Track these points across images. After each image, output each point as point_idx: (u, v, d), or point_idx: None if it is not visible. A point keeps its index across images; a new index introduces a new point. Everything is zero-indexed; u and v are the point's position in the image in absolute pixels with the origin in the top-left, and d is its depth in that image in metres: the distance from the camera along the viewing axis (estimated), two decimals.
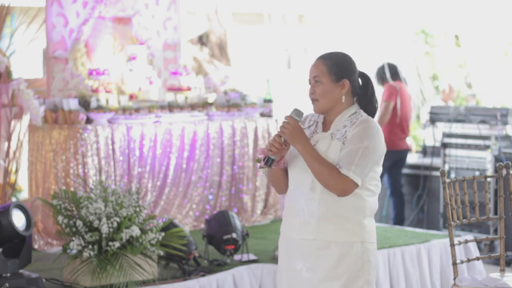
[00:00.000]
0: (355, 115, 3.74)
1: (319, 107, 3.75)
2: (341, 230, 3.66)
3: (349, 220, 3.67)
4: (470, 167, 8.93)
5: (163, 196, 7.85)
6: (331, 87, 3.73)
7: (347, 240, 3.66)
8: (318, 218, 3.66)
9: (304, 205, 3.69)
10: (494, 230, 8.55)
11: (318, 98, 3.74)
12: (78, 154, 7.28)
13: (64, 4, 8.02)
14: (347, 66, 3.77)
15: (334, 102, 3.74)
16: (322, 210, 3.66)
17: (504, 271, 5.00)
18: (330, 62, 3.74)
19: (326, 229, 3.66)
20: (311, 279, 3.69)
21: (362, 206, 3.69)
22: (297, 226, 3.73)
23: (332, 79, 3.73)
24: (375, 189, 3.74)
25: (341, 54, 3.81)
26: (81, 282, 5.66)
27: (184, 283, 5.91)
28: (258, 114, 8.52)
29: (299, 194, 3.72)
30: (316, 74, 3.75)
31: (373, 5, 11.95)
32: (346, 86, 3.74)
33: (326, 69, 3.73)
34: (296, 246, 3.73)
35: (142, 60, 8.32)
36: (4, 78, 7.21)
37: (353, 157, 3.61)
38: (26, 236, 5.53)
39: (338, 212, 3.66)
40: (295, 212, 3.74)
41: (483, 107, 9.75)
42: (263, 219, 8.31)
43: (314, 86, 3.75)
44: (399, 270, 6.98)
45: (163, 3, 8.72)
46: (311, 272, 3.68)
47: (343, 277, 3.65)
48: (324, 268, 3.66)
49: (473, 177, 5.09)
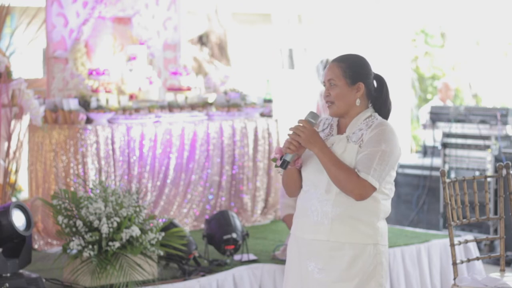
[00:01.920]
0: (371, 118, 3.73)
1: (334, 109, 3.75)
2: (354, 232, 3.66)
3: (363, 222, 3.67)
4: (470, 167, 8.93)
5: (163, 196, 7.85)
6: (346, 90, 3.72)
7: (361, 242, 3.66)
8: (331, 219, 3.66)
9: (318, 206, 3.69)
10: (494, 230, 8.55)
11: (334, 101, 3.73)
12: (78, 154, 7.28)
13: (64, 4, 8.02)
14: (362, 69, 3.75)
15: (349, 105, 3.73)
16: (336, 212, 3.66)
17: (504, 271, 5.00)
18: (345, 65, 3.73)
19: (340, 230, 3.66)
20: (323, 280, 3.68)
21: (377, 209, 3.69)
22: (310, 226, 3.72)
23: (347, 82, 3.72)
24: (389, 192, 3.74)
25: (356, 56, 3.80)
26: (81, 282, 5.66)
27: (184, 283, 5.91)
28: (258, 114, 8.52)
29: (314, 195, 3.71)
30: (331, 77, 3.73)
31: (372, 5, 11.95)
32: (361, 89, 3.73)
33: (341, 72, 3.72)
34: (308, 247, 3.73)
35: (142, 60, 8.32)
36: (4, 78, 7.21)
37: (372, 160, 3.60)
38: (26, 236, 5.53)
39: (352, 214, 3.66)
40: (308, 213, 3.73)
41: (483, 107, 9.75)
42: (263, 219, 8.32)
43: (329, 89, 3.74)
44: (399, 270, 6.99)
45: (163, 3, 8.72)
46: (323, 273, 3.68)
47: (356, 279, 3.65)
48: (337, 270, 3.66)
49: (473, 177, 5.08)
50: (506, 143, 8.73)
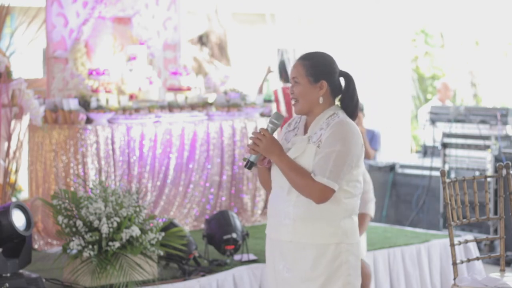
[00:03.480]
0: (333, 117, 3.70)
1: (298, 107, 3.75)
2: (316, 232, 3.66)
3: (324, 222, 3.66)
4: (470, 167, 8.93)
5: (163, 196, 7.85)
6: (308, 88, 3.71)
7: (322, 243, 3.66)
8: (293, 220, 3.68)
9: (282, 207, 3.71)
10: (494, 230, 8.55)
11: (297, 98, 3.74)
12: (78, 154, 7.28)
13: (64, 4, 8.02)
14: (325, 67, 3.74)
15: (312, 103, 3.72)
16: (297, 213, 3.67)
17: (504, 271, 5.00)
18: (309, 63, 3.72)
19: (302, 231, 3.67)
20: (291, 280, 3.71)
21: (338, 208, 3.68)
22: (276, 227, 3.75)
23: (309, 81, 3.71)
24: (353, 190, 3.71)
25: (321, 54, 3.78)
26: (81, 282, 5.66)
27: (184, 283, 5.91)
28: (258, 114, 8.52)
29: (279, 195, 3.75)
30: (294, 75, 3.74)
31: (372, 5, 11.95)
32: (324, 87, 3.72)
33: (303, 70, 3.72)
34: (277, 246, 3.76)
35: (142, 60, 8.32)
36: (4, 78, 7.21)
37: (327, 163, 3.60)
38: (26, 236, 5.53)
39: (313, 215, 3.66)
40: (274, 213, 3.77)
41: (483, 107, 9.75)
42: (263, 219, 8.31)
43: (293, 87, 3.75)
44: (399, 270, 6.99)
45: (163, 3, 8.72)
46: (290, 273, 3.71)
47: (320, 279, 3.65)
48: (301, 270, 3.68)
49: (473, 177, 5.08)
50: (506, 143, 8.73)
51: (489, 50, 14.69)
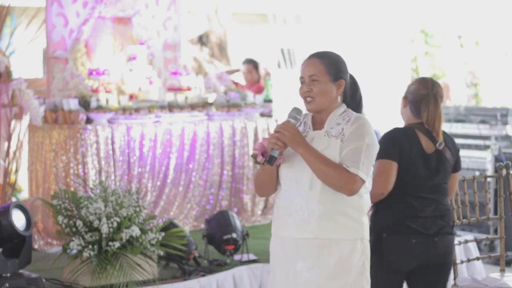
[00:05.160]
0: (346, 113, 3.71)
1: (315, 105, 3.72)
2: (342, 228, 3.64)
3: (350, 218, 3.66)
4: (470, 167, 8.93)
5: (163, 196, 7.85)
6: (329, 86, 3.71)
7: (349, 238, 3.65)
8: (318, 216, 3.63)
9: (303, 204, 3.65)
10: (494, 230, 8.55)
11: (315, 96, 3.71)
12: (78, 154, 7.28)
13: (64, 4, 8.02)
14: (342, 66, 3.75)
15: (330, 101, 3.72)
16: (323, 209, 3.62)
17: (504, 271, 5.00)
18: (328, 61, 3.72)
19: (328, 227, 3.63)
20: (313, 279, 3.64)
21: (362, 203, 3.68)
22: (296, 225, 3.67)
23: (330, 79, 3.71)
24: (369, 186, 3.73)
25: (335, 54, 3.79)
26: (81, 282, 5.66)
27: (184, 283, 5.91)
28: (258, 114, 8.52)
29: (296, 193, 3.67)
30: (313, 72, 3.70)
31: (372, 5, 11.95)
32: (342, 86, 3.73)
33: (324, 68, 3.69)
34: (294, 246, 3.69)
35: (142, 60, 8.32)
36: (4, 78, 7.21)
37: (358, 155, 3.59)
38: (26, 236, 5.53)
39: (339, 210, 3.64)
40: (292, 212, 3.68)
41: (483, 107, 9.75)
42: (263, 219, 8.32)
43: (310, 85, 3.70)
44: None
45: (163, 3, 8.72)
46: (312, 272, 3.64)
47: (348, 275, 3.62)
48: (327, 267, 3.62)
49: (473, 177, 5.08)
50: (506, 143, 8.73)
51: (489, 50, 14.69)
